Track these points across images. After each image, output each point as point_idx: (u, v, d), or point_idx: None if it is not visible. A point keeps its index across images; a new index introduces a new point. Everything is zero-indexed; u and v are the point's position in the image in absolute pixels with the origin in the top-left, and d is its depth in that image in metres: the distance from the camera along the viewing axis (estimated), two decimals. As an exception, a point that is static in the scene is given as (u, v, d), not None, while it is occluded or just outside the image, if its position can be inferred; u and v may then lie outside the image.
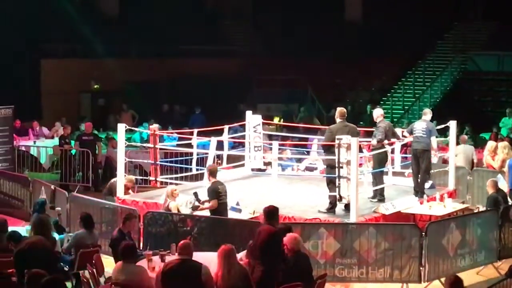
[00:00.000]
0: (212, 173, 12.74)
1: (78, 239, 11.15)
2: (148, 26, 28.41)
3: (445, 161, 16.61)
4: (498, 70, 28.80)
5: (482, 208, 14.14)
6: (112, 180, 15.02)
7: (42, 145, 20.91)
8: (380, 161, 14.27)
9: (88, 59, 27.72)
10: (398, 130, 16.20)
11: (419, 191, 14.31)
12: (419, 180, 14.36)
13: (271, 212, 9.73)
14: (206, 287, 8.92)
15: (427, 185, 14.77)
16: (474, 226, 12.44)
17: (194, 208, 12.71)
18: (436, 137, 14.58)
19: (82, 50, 28.07)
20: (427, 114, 14.65)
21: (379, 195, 14.12)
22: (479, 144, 20.56)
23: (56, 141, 20.53)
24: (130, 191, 14.62)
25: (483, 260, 12.58)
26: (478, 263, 12.51)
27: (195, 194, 12.81)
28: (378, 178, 14.21)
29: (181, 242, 9.17)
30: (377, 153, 14.09)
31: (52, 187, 14.84)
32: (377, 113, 14.49)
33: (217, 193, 12.37)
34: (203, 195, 12.77)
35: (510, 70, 28.38)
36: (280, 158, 16.90)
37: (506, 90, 27.95)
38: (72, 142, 19.57)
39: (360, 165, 14.19)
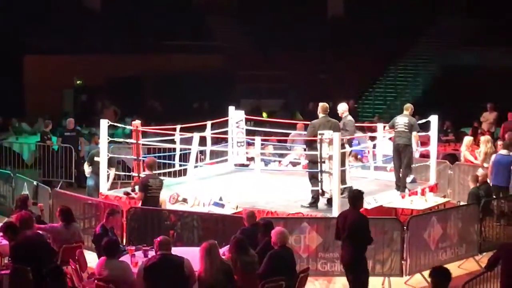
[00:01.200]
0: (148, 166, 13.10)
1: (53, 233, 11.12)
2: (131, 22, 28.37)
3: (422, 156, 16.69)
4: (479, 65, 28.97)
5: (463, 203, 14.26)
6: (94, 150, 15.62)
7: (24, 141, 20.85)
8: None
9: (71, 55, 27.64)
10: (380, 125, 16.35)
11: (401, 186, 14.40)
12: (400, 174, 14.44)
13: (356, 196, 10.30)
14: (189, 280, 9.00)
15: (408, 179, 14.86)
16: (455, 220, 12.55)
17: (125, 193, 13.49)
18: (418, 132, 14.63)
19: (65, 45, 27.99)
20: (409, 109, 14.71)
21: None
22: (459, 139, 20.68)
23: (38, 137, 20.50)
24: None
25: (464, 253, 12.69)
26: (459, 256, 12.62)
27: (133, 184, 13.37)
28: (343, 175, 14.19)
29: (160, 237, 9.27)
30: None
31: (35, 183, 14.83)
32: (343, 107, 14.46)
33: (145, 186, 12.69)
34: (183, 192, 13.07)
35: (491, 65, 28.55)
36: (263, 154, 16.95)
37: (486, 85, 28.11)
38: (54, 138, 19.54)
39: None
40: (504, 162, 15.13)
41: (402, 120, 14.42)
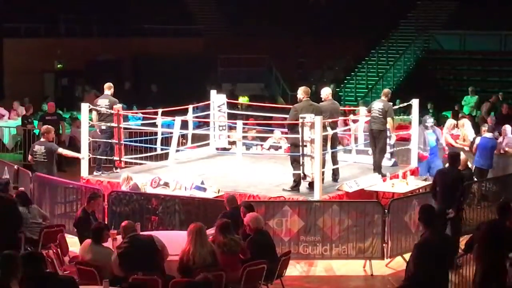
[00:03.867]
0: (42, 133, 14.14)
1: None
2: (112, 5, 28.20)
3: (403, 139, 16.70)
4: (460, 49, 29.08)
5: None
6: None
7: (5, 125, 20.72)
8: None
9: (51, 38, 27.46)
10: (362, 109, 16.34)
11: (376, 169, 14.36)
12: (376, 159, 14.45)
13: (456, 156, 11.85)
14: (163, 254, 9.08)
15: (389, 162, 14.89)
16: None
17: None
18: (392, 118, 14.57)
19: (45, 29, 27.79)
20: (387, 94, 14.66)
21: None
22: (441, 122, 20.74)
23: (19, 121, 20.37)
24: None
25: (445, 236, 12.75)
26: (439, 239, 12.66)
27: None
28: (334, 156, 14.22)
29: (124, 222, 9.34)
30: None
31: (16, 167, 14.76)
32: (327, 92, 14.43)
33: (31, 151, 14.00)
34: (165, 176, 13.16)
35: (472, 49, 28.66)
36: (244, 137, 16.92)
37: (468, 68, 28.25)
38: (35, 122, 19.43)
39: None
40: (488, 146, 15.24)
41: (377, 106, 14.37)
